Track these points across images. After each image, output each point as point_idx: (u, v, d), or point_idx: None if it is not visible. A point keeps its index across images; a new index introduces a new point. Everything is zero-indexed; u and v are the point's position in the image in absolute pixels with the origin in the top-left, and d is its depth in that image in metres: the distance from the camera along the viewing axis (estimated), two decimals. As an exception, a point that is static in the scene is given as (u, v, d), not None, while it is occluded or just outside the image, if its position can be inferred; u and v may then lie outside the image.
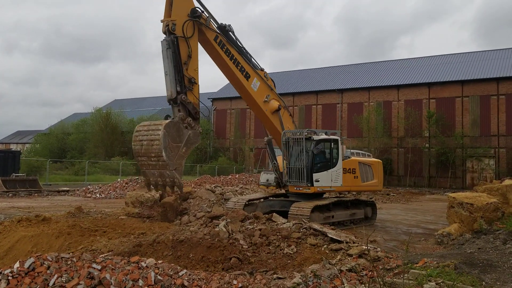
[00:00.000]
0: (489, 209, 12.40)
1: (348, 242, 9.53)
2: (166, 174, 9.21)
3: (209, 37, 10.83)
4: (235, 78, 11.88)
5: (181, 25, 9.76)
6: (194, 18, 10.18)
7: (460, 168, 42.25)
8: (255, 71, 12.45)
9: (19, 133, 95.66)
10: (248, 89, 12.25)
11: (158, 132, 9.00)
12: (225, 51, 11.38)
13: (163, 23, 9.76)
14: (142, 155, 9.41)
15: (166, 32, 9.67)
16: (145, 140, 9.27)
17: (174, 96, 9.57)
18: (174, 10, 9.74)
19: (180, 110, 9.63)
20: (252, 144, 53.80)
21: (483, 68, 43.72)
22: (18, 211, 15.81)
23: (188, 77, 9.77)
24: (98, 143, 53.15)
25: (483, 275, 6.77)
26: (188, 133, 9.47)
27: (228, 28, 11.49)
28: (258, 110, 12.98)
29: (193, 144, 9.66)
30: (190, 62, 9.81)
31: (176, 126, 9.31)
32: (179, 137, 9.31)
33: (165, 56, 9.65)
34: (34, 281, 5.15)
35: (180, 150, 9.31)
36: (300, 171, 13.53)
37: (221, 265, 7.97)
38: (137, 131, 9.62)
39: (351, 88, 49.28)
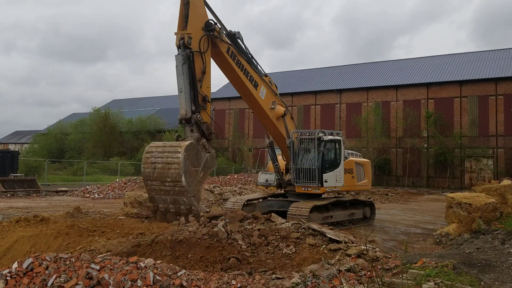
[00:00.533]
0: (487, 209, 12.43)
1: (347, 242, 9.53)
2: (182, 201, 8.49)
3: (222, 50, 10.40)
4: (244, 87, 11.51)
5: (197, 40, 9.27)
6: (208, 31, 9.73)
7: (459, 168, 42.30)
8: (262, 79, 12.11)
9: (17, 133, 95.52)
10: (257, 98, 11.88)
11: (177, 155, 8.29)
12: (236, 62, 10.97)
13: (177, 36, 9.18)
14: (155, 179, 8.62)
15: (181, 46, 9.06)
16: (159, 163, 8.51)
17: (190, 115, 8.97)
18: (190, 23, 9.20)
19: (194, 131, 9.08)
20: (251, 144, 53.79)
21: (482, 68, 43.79)
22: (16, 211, 15.79)
23: (202, 95, 9.23)
24: (97, 143, 53.11)
25: (482, 275, 6.78)
26: (205, 156, 8.89)
27: (237, 35, 11.11)
28: (264, 117, 12.67)
29: (210, 168, 9.08)
30: (204, 79, 9.32)
31: (195, 148, 8.70)
32: (198, 161, 8.69)
33: (180, 72, 9.02)
34: (33, 281, 5.14)
35: (198, 175, 8.67)
36: (310, 172, 13.52)
37: (220, 265, 7.96)
38: (149, 152, 8.84)
39: (349, 88, 49.31)
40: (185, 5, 9.33)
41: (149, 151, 8.85)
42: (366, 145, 44.64)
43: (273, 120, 12.72)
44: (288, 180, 14.11)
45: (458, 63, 46.79)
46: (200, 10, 9.62)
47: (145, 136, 57.16)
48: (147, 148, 8.99)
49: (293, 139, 13.63)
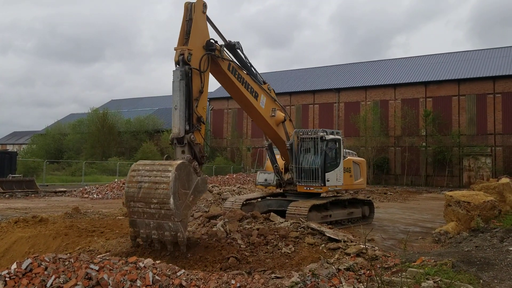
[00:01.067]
0: (486, 208, 12.45)
1: (346, 241, 9.54)
2: (168, 226, 7.71)
3: (223, 68, 10.17)
4: (245, 99, 11.31)
5: (198, 57, 9.02)
6: (209, 51, 9.42)
7: (457, 167, 42.36)
8: (262, 88, 11.89)
9: (15, 134, 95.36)
10: (257, 108, 11.71)
11: (167, 174, 7.60)
12: (237, 77, 10.70)
13: (177, 51, 8.88)
14: (138, 200, 7.83)
15: (180, 62, 8.74)
16: (146, 182, 7.78)
17: (182, 134, 8.51)
18: (191, 40, 8.92)
19: (185, 152, 8.57)
20: (249, 143, 53.78)
21: (479, 67, 43.86)
22: (15, 212, 15.77)
23: (197, 115, 8.82)
24: (95, 143, 53.03)
25: (481, 273, 6.79)
26: (197, 179, 8.26)
27: (237, 46, 10.91)
28: (264, 124, 12.53)
29: (200, 193, 8.46)
30: (201, 99, 8.95)
31: (187, 169, 8.05)
32: (188, 183, 8.02)
33: (176, 88, 8.61)
34: (32, 282, 5.13)
35: (187, 198, 7.97)
36: (313, 171, 13.52)
37: (219, 265, 7.96)
38: (135, 170, 8.11)
39: (348, 87, 49.35)
40: (187, 22, 9.17)
41: (135, 169, 8.13)
42: (364, 144, 44.67)
43: (273, 127, 12.60)
44: (287, 179, 14.11)
45: (456, 61, 46.84)
46: (202, 28, 9.42)
47: (143, 136, 57.15)
48: (133, 166, 8.29)
49: (294, 139, 13.62)
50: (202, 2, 9.35)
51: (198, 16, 9.20)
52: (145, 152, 48.52)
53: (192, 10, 9.19)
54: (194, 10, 9.17)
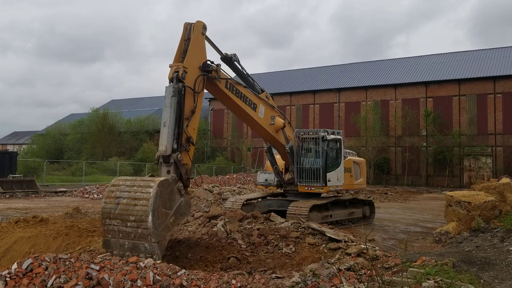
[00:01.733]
0: (486, 208, 12.44)
1: (347, 241, 9.53)
2: (143, 247, 7.08)
3: (220, 87, 9.93)
4: (243, 112, 11.12)
5: (193, 77, 8.77)
6: (205, 72, 9.19)
7: (458, 167, 42.35)
8: (259, 98, 11.66)
9: (15, 134, 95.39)
10: (256, 119, 11.53)
11: (148, 190, 7.11)
12: (235, 93, 10.46)
13: (172, 68, 8.66)
14: (114, 218, 7.25)
15: (174, 79, 8.48)
16: (125, 197, 7.26)
17: (169, 153, 8.10)
18: (188, 58, 8.73)
19: (171, 171, 8.12)
20: (250, 144, 53.79)
21: (480, 67, 43.84)
22: (15, 212, 15.77)
23: (187, 135, 8.51)
24: (95, 143, 53.05)
25: (481, 273, 6.79)
26: (180, 200, 7.78)
27: (234, 58, 10.77)
28: (264, 132, 12.40)
29: (182, 216, 7.95)
30: (192, 119, 8.68)
31: (170, 187, 7.56)
32: (170, 203, 7.51)
33: (167, 104, 8.31)
34: (32, 282, 5.13)
35: (167, 219, 7.40)
36: (314, 171, 13.51)
37: (220, 265, 7.95)
38: (115, 185, 7.61)
39: (348, 87, 49.36)
40: (185, 41, 9.02)
41: (115, 184, 7.63)
42: (365, 144, 44.67)
43: (273, 134, 12.48)
44: (288, 179, 14.11)
45: (456, 61, 46.83)
46: (200, 48, 9.20)
47: (144, 136, 57.17)
48: (113, 181, 7.80)
49: (294, 141, 13.60)
50: (202, 23, 9.16)
51: (196, 36, 9.03)
52: (146, 152, 48.55)
53: (191, 30, 9.03)
54: (193, 30, 9.01)
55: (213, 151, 56.88)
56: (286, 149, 13.11)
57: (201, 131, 54.52)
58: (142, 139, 55.57)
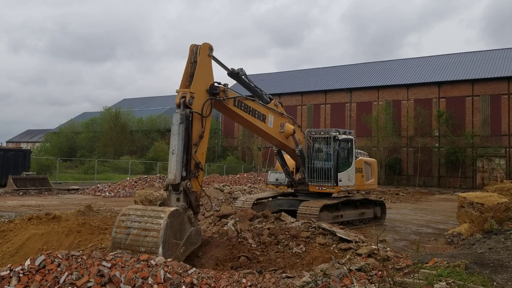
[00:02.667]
0: (499, 209, 12.29)
1: (357, 241, 9.48)
2: None
3: (229, 106, 9.81)
4: (253, 126, 11.04)
5: (200, 102, 8.67)
6: (213, 95, 9.05)
7: (470, 168, 41.91)
8: (268, 108, 11.51)
9: (29, 132, 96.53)
10: (266, 130, 11.41)
11: (158, 221, 7.12)
12: (244, 108, 10.35)
13: (179, 93, 8.56)
14: (125, 248, 7.24)
15: (181, 105, 8.39)
16: (135, 228, 7.28)
17: (178, 181, 8.08)
18: (194, 83, 8.62)
19: (180, 199, 8.14)
20: (260, 143, 53.80)
21: (494, 67, 43.33)
22: (28, 209, 15.96)
23: (196, 161, 8.44)
24: (108, 142, 53.50)
25: (494, 275, 6.71)
26: (190, 229, 7.81)
27: (241, 73, 10.66)
28: (274, 140, 12.27)
29: (192, 245, 7.90)
30: (200, 144, 8.61)
31: (181, 217, 7.59)
32: (181, 233, 7.54)
33: (175, 132, 8.27)
34: (45, 279, 5.18)
35: (178, 250, 7.42)
36: (325, 171, 13.47)
37: (230, 264, 7.97)
38: (125, 214, 7.63)
39: (360, 87, 49.12)
40: (191, 64, 8.92)
41: (125, 214, 7.65)
42: (376, 145, 44.43)
43: (283, 141, 12.39)
44: (299, 179, 14.08)
45: (470, 61, 46.34)
46: (207, 71, 9.05)
47: (155, 135, 57.51)
48: (123, 210, 7.83)
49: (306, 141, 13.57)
50: (208, 45, 9.01)
51: (203, 59, 8.87)
52: (157, 150, 48.83)
53: (197, 52, 8.90)
54: (199, 53, 8.87)
55: (224, 150, 57.01)
56: (296, 153, 13.07)
57: (212, 131, 54.65)
58: (154, 138, 55.92)
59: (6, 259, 8.70)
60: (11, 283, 5.06)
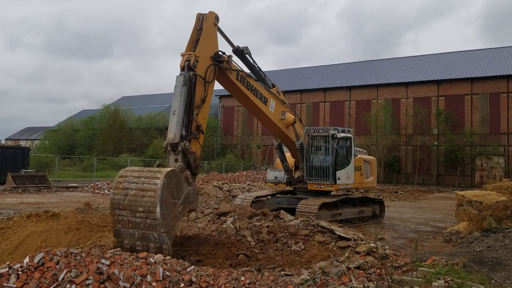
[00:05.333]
0: (498, 208, 12.32)
1: (356, 239, 9.50)
2: (153, 237, 7.18)
3: (231, 78, 9.95)
4: (254, 106, 11.15)
5: (204, 65, 8.79)
6: (217, 62, 9.20)
7: (469, 166, 41.95)
8: (270, 92, 11.67)
9: (28, 129, 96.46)
10: (267, 113, 11.54)
11: (155, 181, 7.17)
12: (246, 85, 10.47)
13: (183, 56, 8.69)
14: (124, 208, 7.35)
15: (185, 67, 8.51)
16: (133, 188, 7.34)
17: (177, 141, 8.12)
18: (200, 48, 8.75)
19: (178, 160, 8.16)
20: (260, 141, 53.81)
21: (493, 65, 43.33)
22: (27, 207, 15.96)
23: (197, 123, 8.54)
24: (107, 139, 53.48)
25: (493, 274, 6.73)
26: (187, 189, 7.82)
27: (246, 51, 10.77)
28: (274, 128, 12.41)
29: (190, 204, 7.98)
30: (202, 108, 8.68)
31: (177, 177, 7.61)
32: (178, 192, 7.57)
33: (177, 93, 8.31)
34: (44, 276, 5.19)
35: (175, 209, 7.48)
36: (324, 169, 13.48)
37: (229, 262, 7.98)
38: (122, 176, 7.67)
39: (359, 85, 49.09)
40: (197, 31, 9.05)
41: (122, 175, 7.68)
42: (375, 143, 44.44)
43: (283, 129, 12.48)
44: (298, 177, 14.09)
45: (469, 60, 46.35)
46: (212, 39, 9.23)
47: (154, 133, 57.46)
48: (120, 172, 7.83)
49: (304, 138, 13.58)
50: (214, 14, 9.20)
51: (209, 26, 9.06)
52: (156, 148, 48.79)
53: (204, 20, 9.07)
54: (205, 20, 9.05)
55: (223, 148, 56.98)
56: (296, 146, 13.09)
57: (211, 128, 54.65)
58: (153, 136, 55.88)
59: (5, 257, 8.71)
60: (10, 280, 5.07)
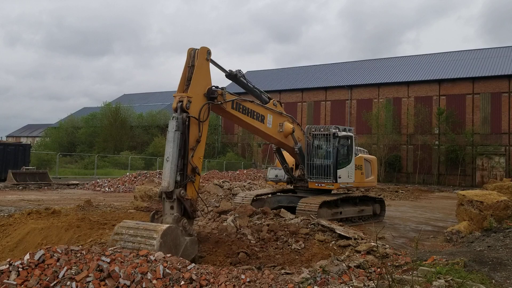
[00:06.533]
0: (499, 207, 12.30)
1: (357, 238, 9.50)
2: None
3: (227, 109, 9.75)
4: (251, 127, 10.99)
5: (197, 106, 8.58)
6: (210, 99, 8.94)
7: (470, 166, 41.93)
8: (267, 108, 11.41)
9: (29, 126, 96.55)
10: (264, 130, 11.35)
11: (151, 242, 7.00)
12: (242, 110, 10.31)
13: (176, 98, 8.49)
14: None
15: (178, 109, 8.29)
16: (130, 248, 7.09)
17: (171, 189, 7.94)
18: (192, 87, 8.54)
19: (174, 207, 8.01)
20: (260, 140, 53.72)
21: (494, 65, 43.27)
22: (28, 204, 15.96)
23: (192, 166, 8.35)
24: (107, 137, 53.53)
25: (493, 273, 6.72)
26: (185, 241, 7.65)
27: (239, 74, 10.54)
28: (273, 140, 12.26)
29: (189, 256, 7.64)
30: (197, 149, 8.51)
31: (173, 234, 7.42)
32: (176, 248, 7.39)
33: (170, 139, 8.15)
34: (44, 273, 5.19)
35: None
36: (324, 168, 13.47)
37: (229, 260, 7.98)
38: (118, 234, 7.47)
39: (360, 84, 49.06)
40: (189, 68, 8.83)
41: (118, 233, 7.51)
42: (376, 142, 44.44)
43: (282, 140, 12.36)
44: (298, 176, 14.08)
45: (470, 59, 46.29)
46: (205, 75, 8.99)
47: (155, 130, 57.49)
48: (116, 229, 7.65)
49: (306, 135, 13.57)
50: (206, 49, 8.95)
51: (201, 63, 8.81)
52: (157, 146, 48.84)
53: (195, 57, 8.81)
54: (197, 56, 8.79)
55: (224, 146, 56.99)
56: (295, 151, 13.06)
57: (212, 127, 54.62)
58: (154, 134, 55.92)
59: (6, 254, 8.71)
60: (10, 277, 5.07)
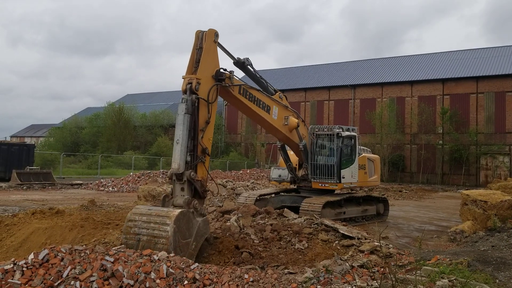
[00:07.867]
0: (503, 207, 12.26)
1: (360, 238, 9.49)
2: None
3: (234, 93, 9.80)
4: (257, 116, 11.02)
5: (206, 87, 8.66)
6: (218, 81, 9.03)
7: (474, 166, 41.78)
8: (273, 99, 11.51)
9: (33, 126, 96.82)
10: (270, 121, 11.43)
11: (165, 228, 7.12)
12: (249, 97, 10.37)
13: (185, 80, 8.58)
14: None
15: (187, 91, 8.38)
16: (144, 234, 7.31)
17: (182, 171, 8.04)
18: (200, 69, 8.62)
19: (184, 189, 8.12)
20: (263, 139, 53.78)
21: (498, 64, 43.09)
22: (32, 204, 16.02)
23: (202, 147, 8.45)
24: (111, 137, 53.61)
25: (497, 273, 6.70)
26: (197, 223, 7.80)
27: (247, 62, 10.62)
28: (277, 132, 12.30)
29: (203, 236, 7.92)
30: (207, 130, 8.61)
31: (186, 217, 7.52)
32: (189, 231, 7.56)
33: (180, 122, 8.23)
34: (48, 273, 5.21)
35: (189, 247, 7.52)
36: (328, 168, 13.47)
37: (233, 259, 7.99)
38: (132, 220, 7.60)
39: (364, 83, 48.95)
40: (197, 50, 8.92)
41: (131, 219, 7.61)
42: (380, 141, 44.34)
43: (286, 134, 12.38)
44: (301, 175, 14.08)
45: (474, 58, 46.12)
46: (213, 57, 9.07)
47: (158, 130, 57.59)
48: (129, 215, 7.77)
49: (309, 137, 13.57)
50: (214, 31, 9.02)
51: (209, 45, 8.89)
52: (160, 146, 48.93)
53: (203, 38, 8.91)
54: (205, 39, 8.88)
55: (227, 146, 57.03)
56: (300, 147, 13.05)
57: (216, 127, 54.55)
58: (157, 134, 56.03)
59: (10, 253, 8.75)
60: (14, 276, 5.09)
